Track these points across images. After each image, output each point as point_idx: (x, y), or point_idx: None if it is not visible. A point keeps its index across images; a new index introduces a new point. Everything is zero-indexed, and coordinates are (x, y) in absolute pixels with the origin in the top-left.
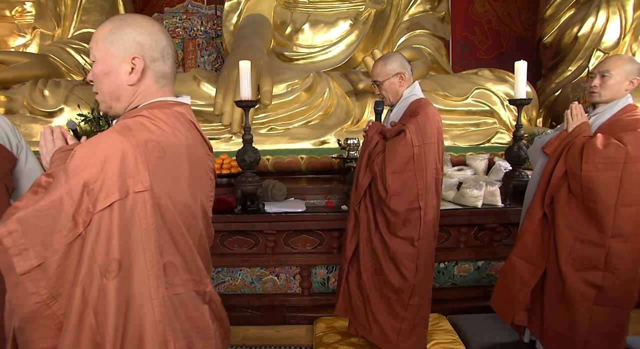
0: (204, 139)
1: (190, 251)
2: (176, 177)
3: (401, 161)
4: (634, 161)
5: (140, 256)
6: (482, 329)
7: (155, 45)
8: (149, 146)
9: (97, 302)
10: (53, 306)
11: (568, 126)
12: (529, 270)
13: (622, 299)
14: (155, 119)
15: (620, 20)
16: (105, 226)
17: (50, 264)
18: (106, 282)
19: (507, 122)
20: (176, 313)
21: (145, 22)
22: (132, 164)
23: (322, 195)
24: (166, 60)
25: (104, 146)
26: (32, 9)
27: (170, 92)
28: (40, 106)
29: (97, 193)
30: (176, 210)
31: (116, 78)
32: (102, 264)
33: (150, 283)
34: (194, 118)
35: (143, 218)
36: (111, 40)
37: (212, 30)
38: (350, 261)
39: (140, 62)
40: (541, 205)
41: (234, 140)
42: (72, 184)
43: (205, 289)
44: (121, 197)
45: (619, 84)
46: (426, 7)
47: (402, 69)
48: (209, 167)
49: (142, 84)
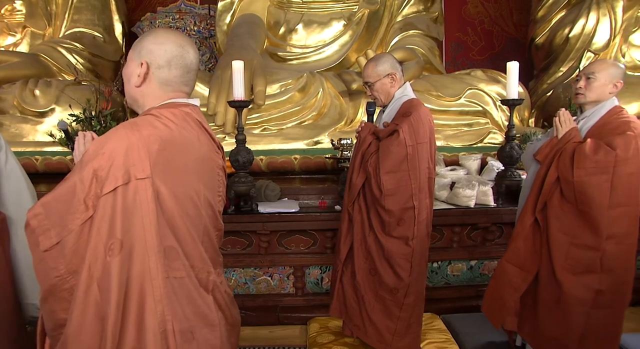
0: (212, 138)
1: (192, 239)
2: (177, 170)
3: (395, 161)
4: (624, 163)
5: (141, 237)
6: (476, 328)
7: (163, 55)
8: (151, 139)
9: (102, 278)
10: (70, 281)
11: (557, 132)
12: (520, 275)
13: (617, 301)
14: (162, 117)
15: (610, 21)
16: (109, 208)
17: (66, 242)
18: (109, 259)
19: (499, 122)
20: (177, 296)
21: (165, 34)
22: (136, 155)
23: (316, 195)
24: (172, 69)
25: (112, 140)
26: (22, 7)
27: (178, 98)
28: (31, 106)
29: (104, 179)
30: (176, 199)
31: (130, 80)
32: (106, 243)
33: (151, 264)
34: (202, 118)
35: (144, 202)
36: (134, 47)
37: (206, 30)
38: (345, 262)
39: (145, 67)
40: (533, 211)
41: (227, 140)
42: (84, 172)
43: (208, 277)
44: (124, 182)
45: (603, 86)
46: (419, 7)
47: (393, 70)
48: (216, 164)
49: (148, 88)
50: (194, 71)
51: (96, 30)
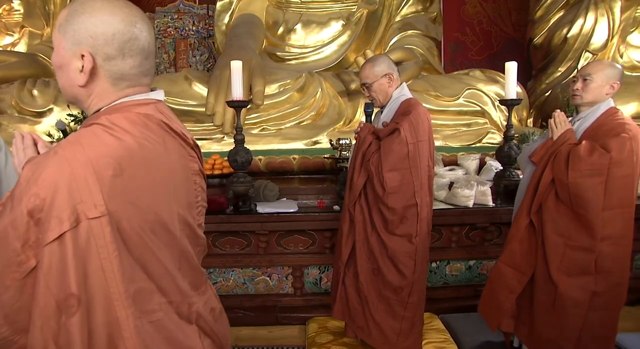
0: (182, 139)
1: (167, 272)
2: (141, 195)
3: (397, 159)
4: (618, 165)
5: (103, 287)
6: (474, 328)
7: (112, 40)
8: (101, 164)
9: (59, 335)
10: (20, 340)
11: (553, 134)
12: (516, 277)
13: (613, 302)
14: (113, 128)
15: (608, 22)
16: (56, 260)
17: (4, 301)
18: (65, 319)
19: (498, 122)
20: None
21: (107, 8)
22: (83, 187)
23: (315, 195)
24: (127, 58)
25: (49, 168)
26: (20, 7)
27: (136, 93)
28: (29, 106)
29: (44, 223)
30: (143, 232)
31: (68, 75)
32: (59, 300)
33: (119, 314)
34: (168, 116)
35: (102, 246)
36: (65, 29)
37: (204, 30)
38: (347, 263)
39: (89, 60)
40: (528, 212)
41: (226, 140)
42: (17, 214)
43: (190, 309)
44: (72, 226)
45: (600, 87)
46: (418, 7)
47: (390, 70)
48: (191, 170)
49: (96, 86)
50: (153, 54)
51: None
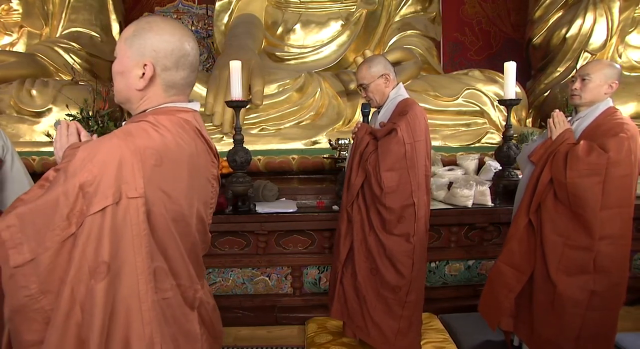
0: (209, 147)
1: (182, 257)
2: (172, 186)
3: (394, 159)
4: (616, 165)
5: (131, 260)
6: (473, 328)
7: (170, 54)
8: (147, 153)
9: (85, 301)
10: (41, 301)
11: (552, 134)
12: (515, 276)
13: (612, 301)
14: (158, 125)
15: (607, 22)
16: (96, 229)
17: (42, 260)
18: (94, 283)
19: (497, 122)
20: (164, 317)
21: (168, 28)
22: (129, 171)
23: (314, 195)
24: (180, 70)
25: (103, 151)
26: (19, 7)
27: (179, 101)
28: (28, 106)
29: (91, 196)
30: (169, 218)
31: (127, 80)
32: (91, 266)
33: (140, 287)
34: (201, 125)
35: (135, 224)
36: (131, 42)
37: (204, 30)
38: (345, 263)
39: (150, 69)
40: (527, 212)
41: (225, 140)
42: (69, 185)
43: (195, 294)
44: (114, 202)
45: (598, 87)
46: (417, 7)
47: (387, 70)
48: (212, 174)
49: (150, 91)
50: (197, 69)
51: (93, 30)
